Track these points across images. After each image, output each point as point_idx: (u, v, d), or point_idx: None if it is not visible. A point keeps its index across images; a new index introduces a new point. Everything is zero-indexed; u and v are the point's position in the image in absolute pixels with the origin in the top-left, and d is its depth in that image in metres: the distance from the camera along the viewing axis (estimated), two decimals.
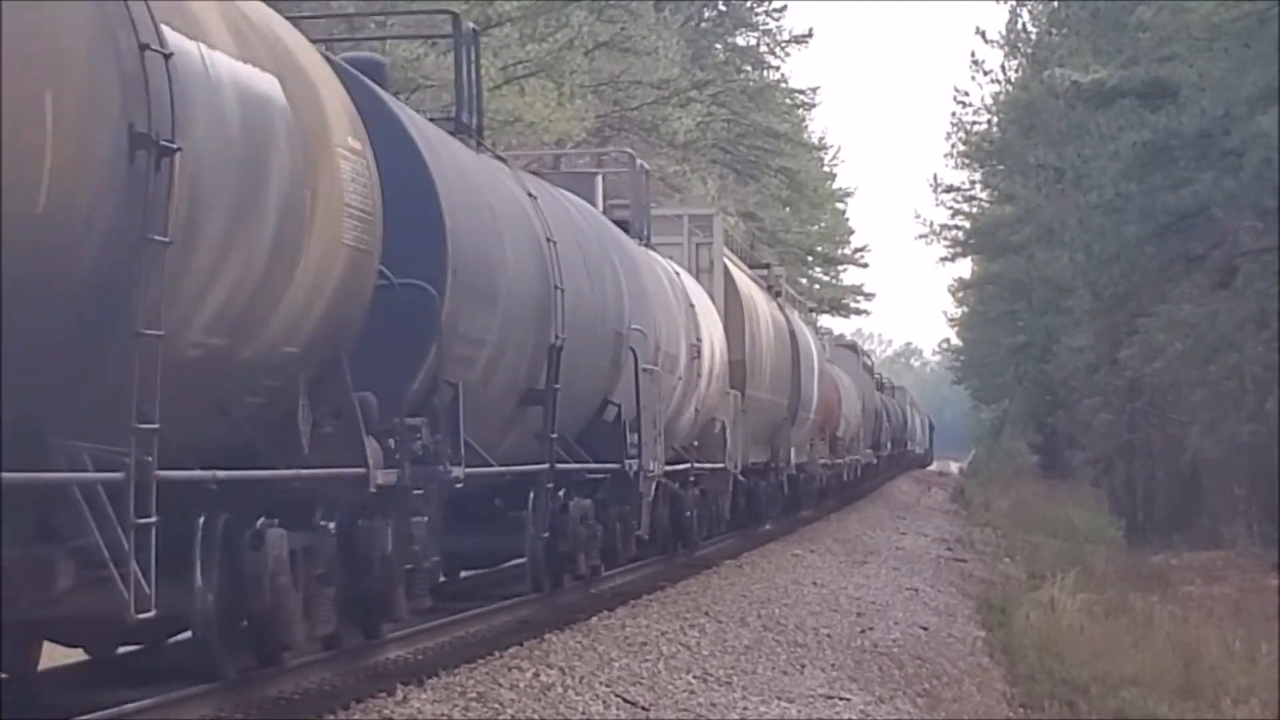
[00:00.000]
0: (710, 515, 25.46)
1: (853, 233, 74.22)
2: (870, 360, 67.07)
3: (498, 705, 11.22)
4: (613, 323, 17.51)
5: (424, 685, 11.56)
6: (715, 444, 24.63)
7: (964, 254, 78.64)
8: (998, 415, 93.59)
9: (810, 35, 56.54)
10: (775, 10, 55.61)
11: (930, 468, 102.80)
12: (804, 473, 35.85)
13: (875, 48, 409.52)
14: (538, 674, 12.49)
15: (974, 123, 65.39)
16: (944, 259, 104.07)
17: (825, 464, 40.12)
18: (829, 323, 71.41)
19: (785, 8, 70.71)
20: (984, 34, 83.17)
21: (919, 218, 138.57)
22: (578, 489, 16.85)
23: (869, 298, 76.66)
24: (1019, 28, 57.70)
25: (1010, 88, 58.26)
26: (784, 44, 56.01)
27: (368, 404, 11.03)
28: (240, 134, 8.91)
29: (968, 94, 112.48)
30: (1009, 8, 72.23)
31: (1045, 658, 19.90)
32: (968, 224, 73.54)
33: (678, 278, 22.82)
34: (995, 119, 62.33)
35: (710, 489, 25.02)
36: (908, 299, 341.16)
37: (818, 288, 69.63)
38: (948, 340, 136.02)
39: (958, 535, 39.05)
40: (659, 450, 19.47)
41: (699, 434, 23.94)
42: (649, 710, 12.15)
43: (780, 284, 35.70)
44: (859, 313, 77.77)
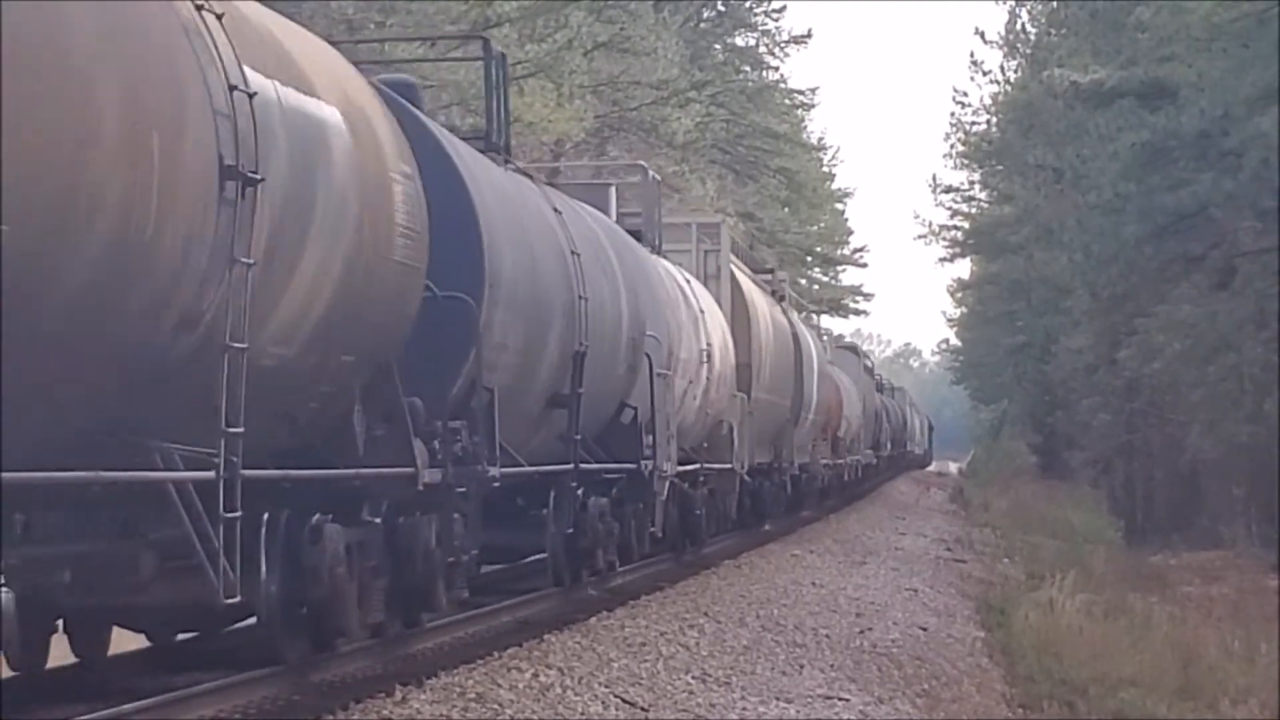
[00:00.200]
0: (718, 514, 25.93)
1: (852, 233, 74.30)
2: (870, 362, 67.02)
3: (497, 706, 11.29)
4: (630, 330, 18.18)
5: (423, 686, 11.66)
6: (723, 445, 25.17)
7: (963, 254, 78.49)
8: (997, 416, 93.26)
9: (809, 35, 56.60)
10: (774, 10, 55.37)
11: (929, 468, 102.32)
12: (806, 473, 36.16)
13: (875, 48, 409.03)
14: (537, 674, 12.58)
15: (973, 123, 65.28)
16: (943, 259, 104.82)
17: (827, 464, 40.41)
18: (828, 323, 71.79)
19: (784, 8, 69.72)
20: (983, 34, 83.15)
21: (918, 218, 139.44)
22: (595, 488, 17.47)
23: (868, 298, 76.99)
24: (1018, 28, 57.49)
25: (1009, 88, 57.85)
26: (783, 44, 55.92)
27: (415, 408, 11.85)
28: (308, 162, 9.78)
29: (967, 94, 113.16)
30: (1008, 8, 72.36)
31: (1044, 658, 19.72)
32: (967, 224, 73.34)
33: (688, 284, 23.40)
34: (994, 119, 61.93)
35: (718, 489, 25.53)
36: (907, 299, 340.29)
37: (817, 288, 69.46)
38: (947, 341, 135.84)
39: (957, 536, 38.59)
40: (671, 451, 20.08)
41: (707, 435, 24.46)
42: (648, 711, 12.20)
43: (784, 288, 36.12)
44: (858, 313, 77.88)
